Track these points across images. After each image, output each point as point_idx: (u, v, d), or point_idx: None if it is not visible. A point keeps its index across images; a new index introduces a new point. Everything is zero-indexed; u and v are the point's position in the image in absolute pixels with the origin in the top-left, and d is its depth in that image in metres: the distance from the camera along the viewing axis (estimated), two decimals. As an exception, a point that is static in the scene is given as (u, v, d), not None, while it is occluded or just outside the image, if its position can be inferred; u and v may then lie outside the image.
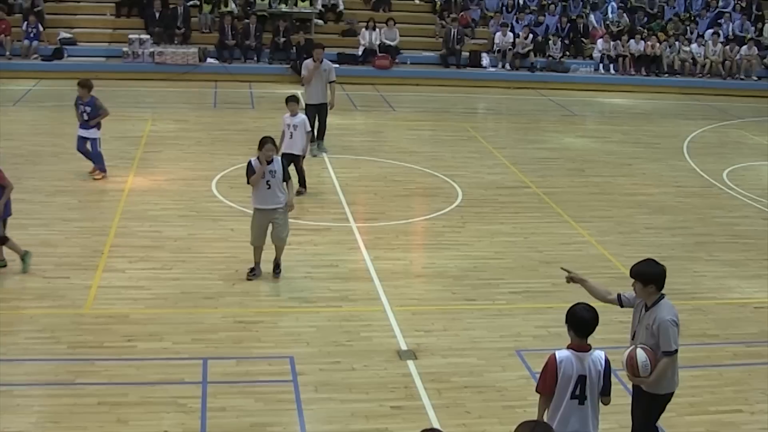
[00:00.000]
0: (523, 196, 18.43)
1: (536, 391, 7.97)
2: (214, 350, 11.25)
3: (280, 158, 13.52)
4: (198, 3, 31.95)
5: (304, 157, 17.58)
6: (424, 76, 31.13)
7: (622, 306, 8.94)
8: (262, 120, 23.76)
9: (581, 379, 7.68)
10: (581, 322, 7.76)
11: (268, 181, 13.21)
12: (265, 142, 13.23)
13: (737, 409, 10.61)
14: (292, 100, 17.37)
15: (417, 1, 35.00)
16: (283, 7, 32.00)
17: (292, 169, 15.85)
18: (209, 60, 30.04)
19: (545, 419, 7.74)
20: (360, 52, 31.15)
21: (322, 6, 32.89)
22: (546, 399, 7.83)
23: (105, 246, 14.55)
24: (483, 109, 29.14)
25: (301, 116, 17.41)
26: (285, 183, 13.37)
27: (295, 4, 32.26)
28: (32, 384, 10.33)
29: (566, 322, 7.84)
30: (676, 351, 8.36)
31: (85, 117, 17.77)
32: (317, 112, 20.56)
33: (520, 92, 30.52)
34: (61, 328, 11.68)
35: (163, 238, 14.99)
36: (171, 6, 30.96)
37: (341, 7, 33.15)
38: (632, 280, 8.52)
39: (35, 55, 29.36)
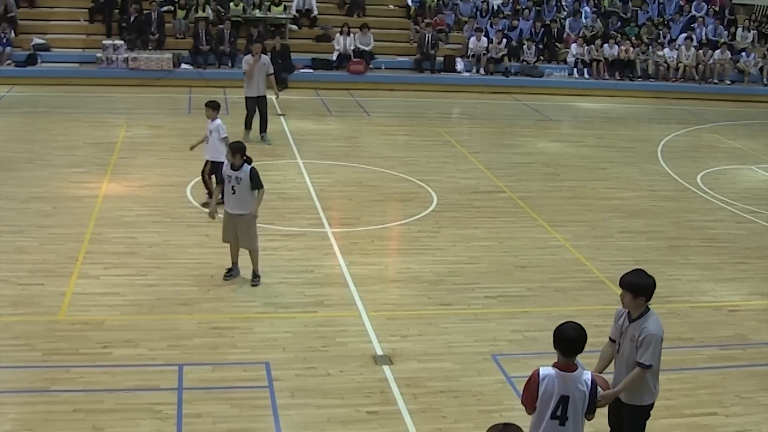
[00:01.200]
0: (498, 201, 18.49)
1: (522, 403, 7.76)
2: (190, 356, 11.24)
3: (249, 168, 13.51)
4: (172, 8, 31.89)
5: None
6: (398, 81, 31.15)
7: (614, 341, 8.64)
8: (238, 126, 23.69)
9: (563, 400, 7.51)
10: (568, 342, 7.54)
11: (233, 187, 13.35)
12: (236, 148, 13.50)
13: (712, 412, 10.71)
14: (209, 105, 17.13)
15: (391, 6, 35.03)
16: (258, 13, 32.01)
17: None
18: (183, 66, 29.95)
19: None
20: (334, 58, 31.16)
21: (296, 11, 32.88)
22: (528, 411, 7.69)
23: (79, 252, 14.50)
24: (458, 114, 29.20)
25: (217, 122, 16.95)
26: (256, 192, 13.44)
27: (269, 10, 32.28)
28: (7, 391, 10.27)
29: (554, 341, 7.61)
30: (650, 367, 8.28)
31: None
32: (257, 104, 22.14)
33: (494, 97, 30.61)
34: (36, 335, 11.64)
35: (137, 244, 14.96)
36: (145, 12, 30.85)
37: (315, 12, 33.14)
38: (619, 289, 8.35)
39: (8, 61, 29.22)
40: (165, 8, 31.62)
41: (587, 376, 7.64)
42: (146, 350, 11.38)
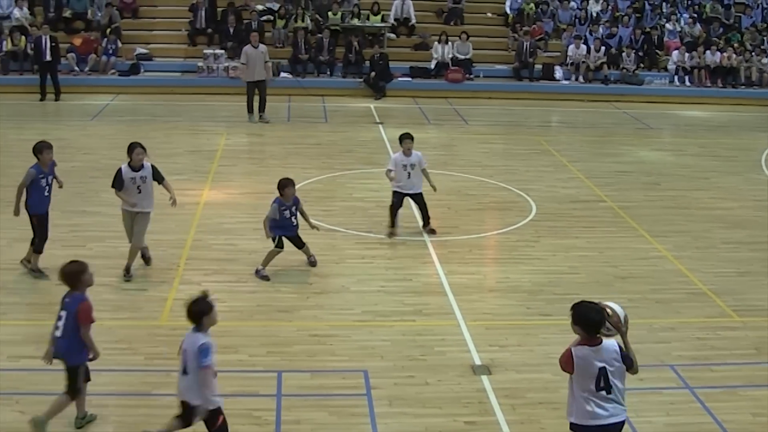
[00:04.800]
0: (597, 210, 18.28)
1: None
2: (289, 363, 11.31)
3: (150, 165, 13.94)
4: (272, 18, 32.29)
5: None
6: (496, 89, 31.06)
7: None
8: (336, 134, 23.94)
9: (602, 371, 8.03)
10: (593, 324, 8.04)
11: (138, 186, 13.71)
12: (133, 147, 13.72)
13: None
14: (406, 138, 16.09)
15: (489, 15, 34.95)
16: (356, 22, 32.19)
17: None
18: (283, 74, 30.28)
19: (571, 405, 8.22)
20: (432, 66, 31.19)
21: (395, 20, 33.00)
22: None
23: (181, 259, 14.73)
24: (556, 122, 28.97)
25: (417, 154, 16.08)
26: (162, 183, 14.05)
27: (368, 19, 32.45)
28: (109, 394, 10.47)
29: (576, 320, 8.09)
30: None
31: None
32: (256, 87, 25.25)
33: (593, 105, 30.30)
34: (138, 340, 11.86)
35: (237, 251, 15.12)
36: (245, 21, 31.29)
37: (413, 20, 33.22)
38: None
39: (113, 71, 29.88)
40: (264, 18, 32.04)
41: (612, 342, 8.16)
42: (246, 356, 11.50)
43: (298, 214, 14.30)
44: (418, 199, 16.21)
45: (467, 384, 11.00)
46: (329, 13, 32.34)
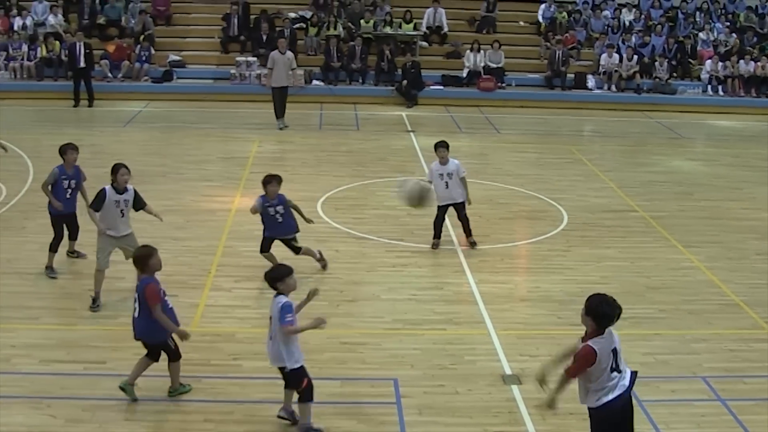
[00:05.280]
0: (629, 220, 18.18)
1: (566, 374, 8.53)
2: (319, 371, 11.27)
3: (133, 189, 13.33)
4: (304, 26, 32.38)
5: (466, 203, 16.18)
6: (529, 98, 31.01)
7: None
8: (367, 142, 23.95)
9: (614, 353, 8.53)
10: (608, 318, 8.46)
11: (122, 210, 13.16)
12: (118, 168, 13.12)
13: None
14: (441, 146, 15.87)
15: (522, 23, 34.92)
16: (388, 30, 32.23)
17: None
18: (315, 82, 30.39)
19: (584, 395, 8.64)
20: (465, 74, 31.19)
21: (427, 28, 33.01)
22: (569, 381, 8.56)
23: (212, 265, 14.78)
24: (589, 132, 28.87)
25: (454, 162, 15.87)
26: (144, 209, 13.52)
27: (400, 27, 32.49)
28: (141, 399, 10.49)
29: (590, 313, 8.43)
30: None
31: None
32: (280, 93, 25.59)
33: (626, 114, 30.18)
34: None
35: (268, 258, 15.14)
36: (278, 29, 31.40)
37: (446, 29, 33.23)
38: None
39: (146, 78, 30.08)
40: (297, 25, 32.12)
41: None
42: (276, 363, 11.50)
43: (288, 212, 14.25)
44: (459, 209, 15.94)
45: (497, 393, 10.97)
46: (361, 21, 32.43)
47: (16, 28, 30.98)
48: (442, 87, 30.96)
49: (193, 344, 11.84)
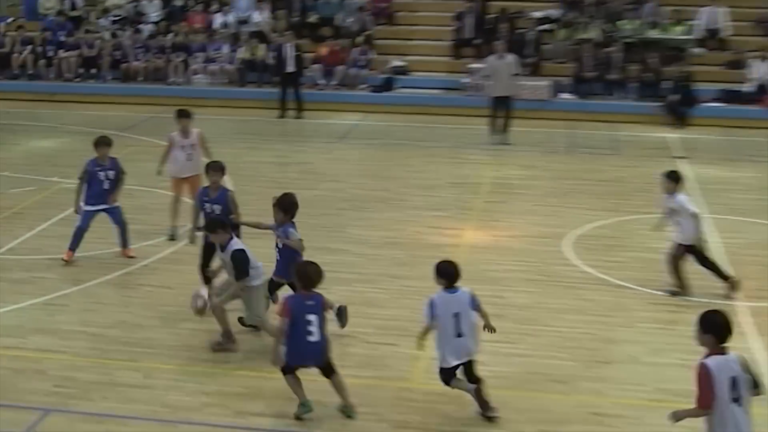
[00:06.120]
0: None
1: (698, 406, 8.97)
2: (566, 446, 11.14)
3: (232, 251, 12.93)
4: (552, 28, 32.21)
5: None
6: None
7: None
8: (627, 169, 23.59)
9: (734, 381, 8.82)
10: (727, 330, 8.97)
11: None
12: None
13: None
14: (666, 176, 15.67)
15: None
16: (654, 33, 31.73)
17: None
18: (563, 95, 30.22)
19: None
20: (751, 89, 30.25)
21: (707, 31, 32.20)
22: (704, 412, 8.94)
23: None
24: None
25: (681, 199, 15.52)
26: None
27: (668, 30, 31.89)
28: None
29: (708, 328, 9.01)
30: None
31: None
32: (500, 104, 26.30)
33: None
34: (384, 403, 11.94)
35: (505, 305, 15.01)
36: (520, 31, 31.38)
37: (726, 33, 32.38)
38: None
39: (363, 86, 30.51)
40: (543, 27, 32.00)
41: (735, 354, 9.05)
42: (511, 432, 11.39)
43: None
44: (692, 252, 15.60)
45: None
46: (621, 23, 32.06)
47: (216, 26, 32.07)
48: (721, 104, 30.20)
49: (413, 404, 11.92)
